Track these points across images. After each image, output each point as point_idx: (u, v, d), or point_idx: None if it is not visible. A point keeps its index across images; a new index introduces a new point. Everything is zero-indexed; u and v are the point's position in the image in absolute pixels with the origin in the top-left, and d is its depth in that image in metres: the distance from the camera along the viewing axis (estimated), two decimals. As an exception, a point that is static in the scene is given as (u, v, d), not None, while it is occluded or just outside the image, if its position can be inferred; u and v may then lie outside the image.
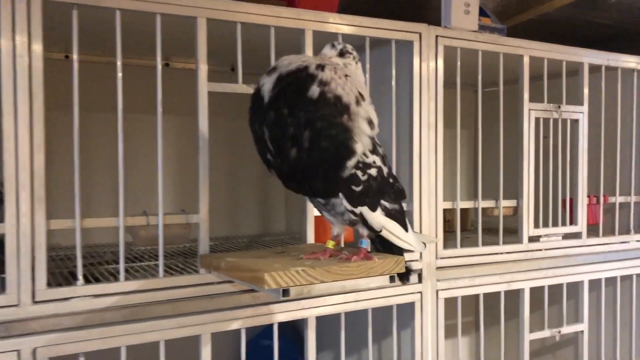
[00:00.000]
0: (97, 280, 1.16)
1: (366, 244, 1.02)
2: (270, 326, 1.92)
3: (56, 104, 1.62)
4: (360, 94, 0.97)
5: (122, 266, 1.13)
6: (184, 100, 1.58)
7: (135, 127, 1.66)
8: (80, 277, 1.09)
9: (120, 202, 1.13)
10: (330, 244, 1.05)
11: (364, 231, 1.02)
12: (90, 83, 1.58)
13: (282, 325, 1.33)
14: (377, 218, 1.01)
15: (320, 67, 0.96)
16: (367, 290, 1.36)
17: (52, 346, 1.05)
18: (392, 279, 1.01)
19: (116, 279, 1.15)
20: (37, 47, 1.05)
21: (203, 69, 1.19)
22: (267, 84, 0.95)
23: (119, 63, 1.13)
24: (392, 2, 1.75)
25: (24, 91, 1.04)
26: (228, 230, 1.87)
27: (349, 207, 1.00)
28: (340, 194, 0.99)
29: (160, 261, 1.17)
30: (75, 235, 1.09)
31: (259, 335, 1.95)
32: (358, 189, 1.01)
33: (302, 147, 0.92)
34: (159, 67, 1.17)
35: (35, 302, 1.05)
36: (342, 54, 1.04)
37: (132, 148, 1.62)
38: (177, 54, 1.76)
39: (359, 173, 1.00)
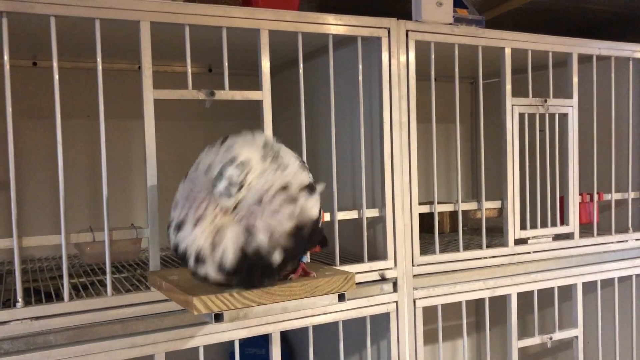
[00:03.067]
0: (49, 297, 1.11)
1: (305, 259, 0.95)
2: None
3: (28, 112, 1.60)
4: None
5: (66, 285, 1.08)
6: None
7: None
8: (19, 299, 1.04)
9: (62, 219, 1.07)
10: None
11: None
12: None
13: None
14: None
15: (247, 230, 0.84)
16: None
17: (-9, 372, 1.01)
18: (341, 297, 0.94)
19: (59, 297, 1.09)
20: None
21: (148, 75, 1.13)
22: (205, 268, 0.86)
23: (56, 77, 1.07)
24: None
25: (-49, 106, 0.98)
26: None
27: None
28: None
29: (108, 279, 1.12)
30: (14, 255, 1.04)
31: (245, 344, 1.90)
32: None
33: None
34: (100, 69, 1.11)
35: (-29, 327, 1.00)
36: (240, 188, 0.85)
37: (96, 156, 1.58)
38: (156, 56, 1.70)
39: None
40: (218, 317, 0.85)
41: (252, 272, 0.84)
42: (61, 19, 1.07)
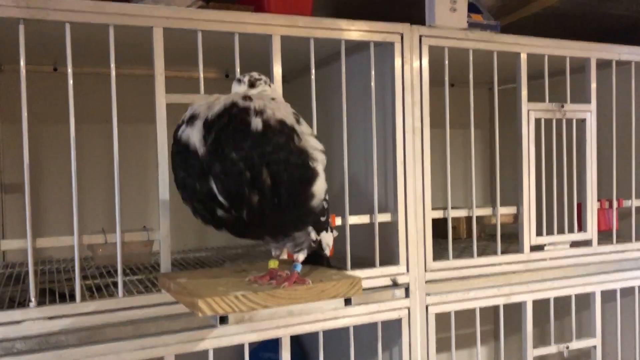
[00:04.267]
0: (63, 298, 1.13)
1: (299, 268, 0.95)
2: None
3: (48, 117, 1.64)
4: (294, 112, 0.91)
5: (77, 286, 1.10)
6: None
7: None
8: (32, 298, 1.06)
9: (75, 220, 1.09)
10: (275, 264, 0.98)
11: (300, 256, 0.96)
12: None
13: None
14: (327, 237, 0.95)
15: (247, 98, 0.87)
16: (346, 307, 1.29)
17: (4, 370, 1.03)
18: (347, 302, 0.94)
19: (73, 298, 1.11)
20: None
21: (160, 80, 1.15)
22: (194, 134, 0.84)
23: (70, 82, 1.10)
24: (380, 3, 1.67)
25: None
26: (198, 242, 1.83)
27: (315, 236, 0.95)
28: (309, 227, 0.95)
29: (120, 280, 1.13)
30: (28, 255, 1.06)
31: (259, 348, 1.90)
32: (324, 218, 0.96)
33: (263, 187, 0.83)
34: (113, 75, 1.13)
35: (-14, 326, 1.03)
36: (252, 84, 0.94)
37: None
38: (174, 62, 1.72)
39: (324, 204, 0.95)
40: (223, 320, 0.86)
41: (230, 122, 0.83)
42: (76, 26, 1.10)
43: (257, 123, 0.84)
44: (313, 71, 1.30)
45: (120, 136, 1.13)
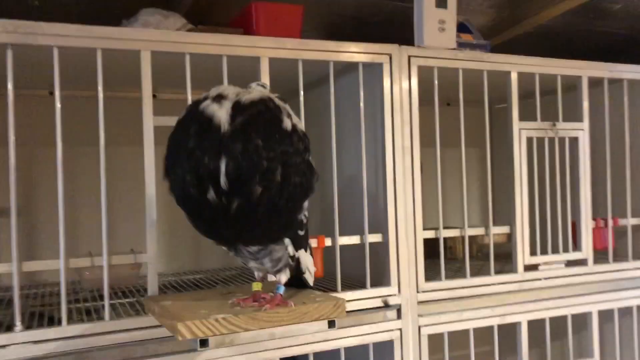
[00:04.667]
0: (52, 322, 1.12)
1: (282, 290, 0.95)
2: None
3: (44, 140, 1.65)
4: None
5: (64, 309, 1.09)
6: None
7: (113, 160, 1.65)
8: (18, 322, 1.06)
9: (61, 243, 1.09)
10: (258, 286, 0.97)
11: (282, 277, 0.95)
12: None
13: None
14: (306, 258, 0.95)
15: (281, 99, 0.90)
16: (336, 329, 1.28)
17: (-11, 395, 1.02)
18: (331, 324, 0.93)
19: (59, 322, 1.11)
20: (-30, 89, 1.03)
21: (148, 103, 1.16)
22: (221, 111, 0.83)
23: (57, 105, 1.11)
24: (370, 24, 1.68)
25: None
26: (193, 264, 1.82)
27: (292, 251, 0.94)
28: (287, 239, 0.94)
29: (106, 303, 1.13)
30: (13, 278, 1.06)
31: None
32: (302, 232, 0.96)
33: (271, 184, 0.83)
34: (101, 97, 1.14)
35: (-29, 350, 1.02)
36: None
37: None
38: (165, 84, 1.73)
39: (304, 218, 0.95)
40: (203, 343, 0.85)
41: (265, 113, 0.86)
42: (66, 49, 1.11)
43: (287, 124, 0.87)
44: (302, 92, 1.31)
45: (114, 159, 1.14)
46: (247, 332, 0.87)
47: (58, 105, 1.10)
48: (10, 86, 1.07)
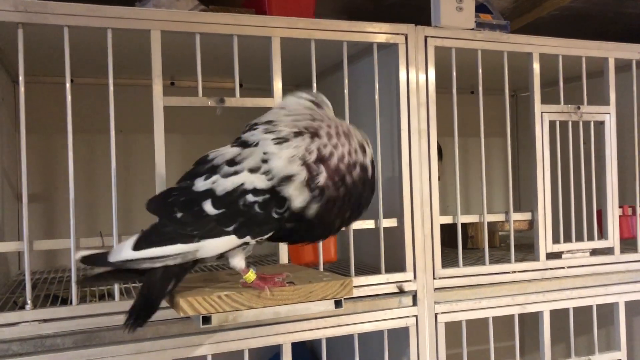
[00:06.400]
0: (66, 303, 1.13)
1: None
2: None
3: (64, 127, 1.67)
4: None
5: (74, 288, 1.09)
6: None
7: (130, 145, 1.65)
8: (29, 301, 1.06)
9: (72, 223, 1.09)
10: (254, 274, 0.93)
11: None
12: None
13: (297, 347, 1.26)
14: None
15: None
16: (349, 314, 1.26)
17: (0, 372, 1.03)
18: (337, 303, 0.91)
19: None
20: (-19, 69, 1.04)
21: (158, 83, 1.15)
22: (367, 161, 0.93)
23: (67, 85, 1.11)
24: (386, 6, 1.65)
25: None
26: None
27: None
28: None
29: (116, 284, 1.12)
30: (24, 258, 1.07)
31: (272, 359, 1.88)
32: None
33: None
34: (111, 84, 1.13)
35: (-18, 327, 1.03)
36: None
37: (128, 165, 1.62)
38: (184, 72, 1.72)
39: None
40: (206, 320, 0.84)
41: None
42: (79, 31, 1.11)
43: None
44: (314, 74, 1.29)
45: (131, 145, 1.14)
46: (250, 310, 0.85)
47: (68, 85, 1.10)
48: (21, 68, 1.08)
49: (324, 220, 0.87)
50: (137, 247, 0.84)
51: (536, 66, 1.46)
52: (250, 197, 0.85)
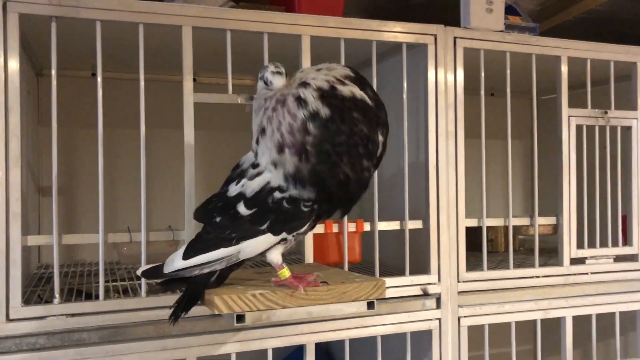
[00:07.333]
0: (90, 298, 1.13)
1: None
2: (298, 349, 1.85)
3: (86, 121, 1.67)
4: None
5: (101, 283, 1.09)
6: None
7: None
8: (57, 295, 1.06)
9: (100, 217, 1.09)
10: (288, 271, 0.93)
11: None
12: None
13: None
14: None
15: None
16: (372, 316, 1.25)
17: (27, 366, 1.03)
18: (370, 305, 0.90)
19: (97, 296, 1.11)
20: (14, 62, 1.03)
21: (189, 79, 1.14)
22: (357, 90, 0.87)
23: (99, 79, 1.10)
24: (412, 6, 1.63)
25: (0, 105, 1.03)
26: None
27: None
28: None
29: (143, 280, 1.12)
30: (54, 251, 1.07)
31: (288, 358, 1.87)
32: None
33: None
34: (142, 79, 1.13)
35: (10, 320, 1.03)
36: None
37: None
38: (210, 68, 1.72)
39: None
40: (240, 319, 0.83)
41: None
42: (109, 27, 1.11)
43: None
44: (343, 73, 1.27)
45: (151, 140, 1.13)
46: (283, 309, 0.85)
47: (99, 79, 1.10)
48: (54, 60, 1.07)
49: (325, 174, 0.84)
50: (185, 256, 0.88)
51: (564, 69, 1.45)
52: (277, 194, 0.87)
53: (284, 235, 0.88)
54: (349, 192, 0.86)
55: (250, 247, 0.87)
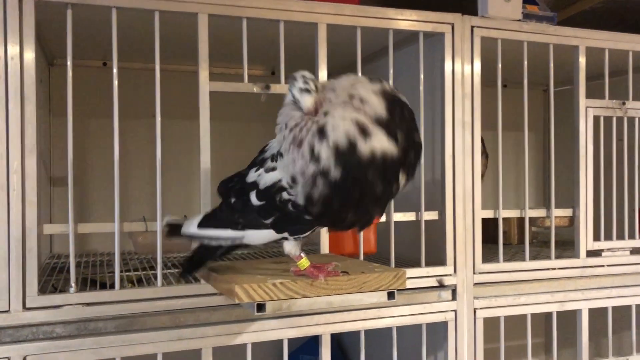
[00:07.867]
0: (104, 288, 1.12)
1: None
2: (311, 340, 1.85)
3: (96, 111, 1.66)
4: None
5: (117, 273, 1.09)
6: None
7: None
8: (72, 284, 1.06)
9: (116, 207, 1.08)
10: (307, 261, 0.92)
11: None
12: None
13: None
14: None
15: None
16: (389, 307, 1.24)
17: (43, 354, 1.02)
18: (390, 295, 0.89)
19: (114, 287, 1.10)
20: (30, 51, 1.02)
21: (205, 68, 1.13)
22: (384, 141, 0.82)
23: (114, 70, 1.09)
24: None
25: (16, 94, 1.02)
26: None
27: None
28: None
29: (159, 269, 1.11)
30: (69, 240, 1.06)
31: (299, 350, 1.87)
32: None
33: None
34: (158, 68, 1.12)
35: (27, 309, 1.02)
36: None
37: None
38: (220, 59, 1.70)
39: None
40: (260, 308, 0.82)
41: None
42: (123, 14, 1.09)
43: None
44: (359, 61, 1.27)
45: (164, 129, 1.12)
46: (304, 299, 0.84)
47: (115, 70, 1.09)
48: (69, 48, 1.06)
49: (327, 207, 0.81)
50: (200, 225, 0.93)
51: (582, 60, 1.43)
52: (285, 195, 0.85)
53: (285, 234, 0.88)
54: (353, 226, 0.87)
55: (253, 237, 0.90)
